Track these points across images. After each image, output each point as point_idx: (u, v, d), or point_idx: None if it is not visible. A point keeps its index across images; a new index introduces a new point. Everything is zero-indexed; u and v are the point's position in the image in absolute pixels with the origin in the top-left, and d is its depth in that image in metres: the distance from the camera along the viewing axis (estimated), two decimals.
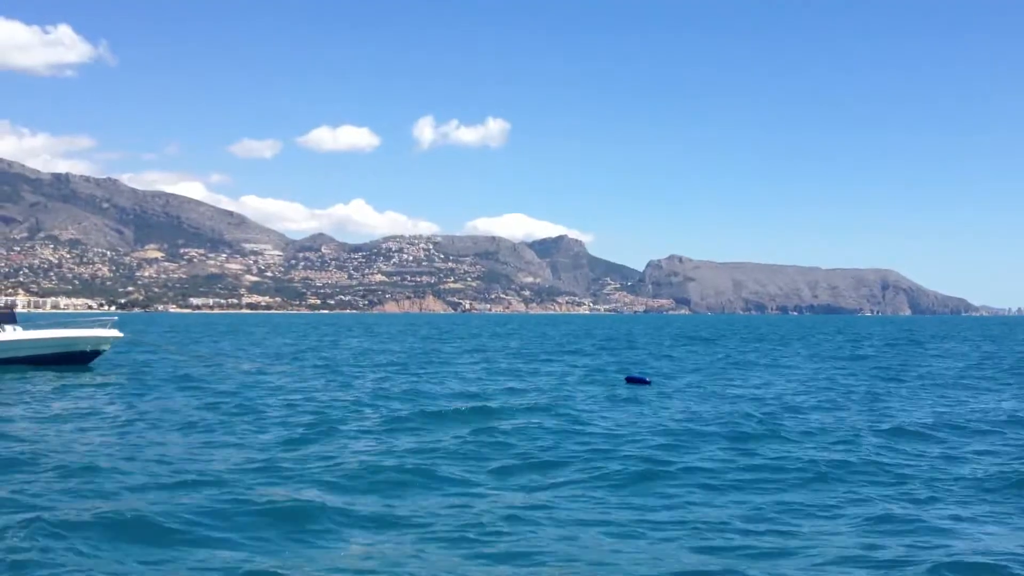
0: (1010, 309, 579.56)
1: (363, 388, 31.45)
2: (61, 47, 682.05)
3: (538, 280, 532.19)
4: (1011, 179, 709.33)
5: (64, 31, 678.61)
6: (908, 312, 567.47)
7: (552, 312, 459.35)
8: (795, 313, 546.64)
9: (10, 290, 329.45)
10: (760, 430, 21.23)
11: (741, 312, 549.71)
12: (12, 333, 33.56)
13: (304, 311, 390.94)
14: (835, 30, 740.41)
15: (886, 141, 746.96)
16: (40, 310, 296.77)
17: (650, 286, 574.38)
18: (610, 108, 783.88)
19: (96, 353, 35.14)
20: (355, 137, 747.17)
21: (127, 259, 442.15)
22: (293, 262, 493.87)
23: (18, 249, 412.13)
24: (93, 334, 35.18)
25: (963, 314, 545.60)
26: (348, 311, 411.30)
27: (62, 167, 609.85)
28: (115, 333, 35.91)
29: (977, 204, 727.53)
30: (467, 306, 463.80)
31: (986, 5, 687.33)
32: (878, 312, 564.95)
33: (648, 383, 33.94)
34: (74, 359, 34.22)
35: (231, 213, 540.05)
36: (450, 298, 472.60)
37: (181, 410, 24.49)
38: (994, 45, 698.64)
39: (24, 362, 33.04)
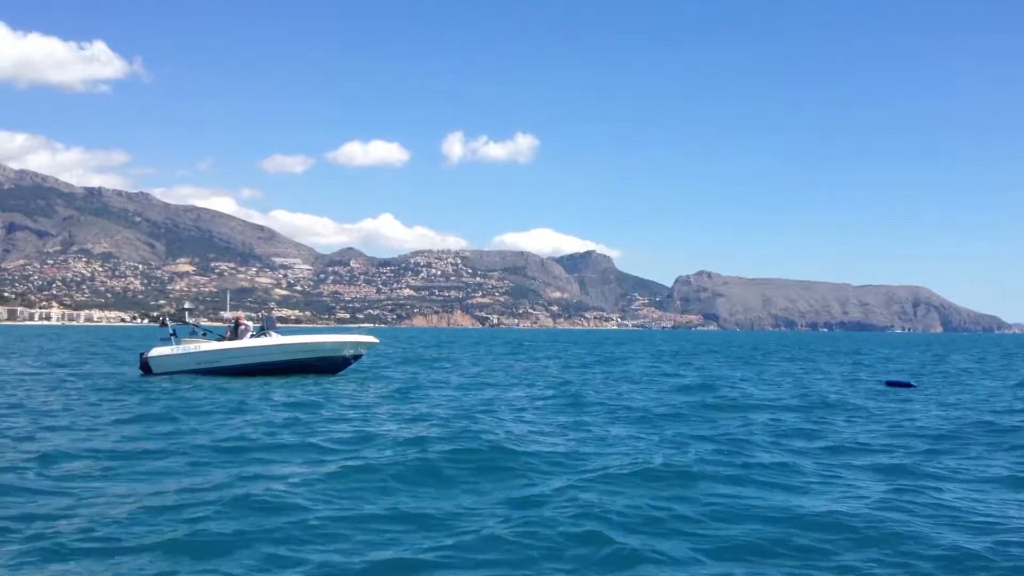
0: None
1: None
2: (96, 63, 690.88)
3: (566, 295, 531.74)
4: None
5: (99, 47, 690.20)
6: (940, 329, 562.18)
7: (580, 328, 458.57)
8: (825, 330, 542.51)
9: (44, 302, 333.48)
10: None
11: (771, 328, 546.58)
12: (282, 338, 34.78)
13: (333, 325, 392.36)
14: (865, 51, 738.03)
15: (918, 158, 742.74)
16: (75, 323, 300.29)
17: (678, 302, 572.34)
18: (638, 124, 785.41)
19: (355, 358, 36.29)
20: (385, 152, 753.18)
21: (159, 272, 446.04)
22: (322, 276, 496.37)
23: (51, 262, 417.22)
24: (357, 339, 36.27)
25: (996, 332, 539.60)
26: (377, 325, 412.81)
27: (95, 181, 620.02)
28: (373, 339, 37.04)
29: (1010, 221, 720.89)
30: (495, 321, 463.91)
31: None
32: (909, 329, 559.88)
33: (912, 386, 33.34)
34: (335, 365, 35.41)
35: (261, 227, 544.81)
36: (478, 313, 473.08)
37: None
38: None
39: (285, 368, 34.05)
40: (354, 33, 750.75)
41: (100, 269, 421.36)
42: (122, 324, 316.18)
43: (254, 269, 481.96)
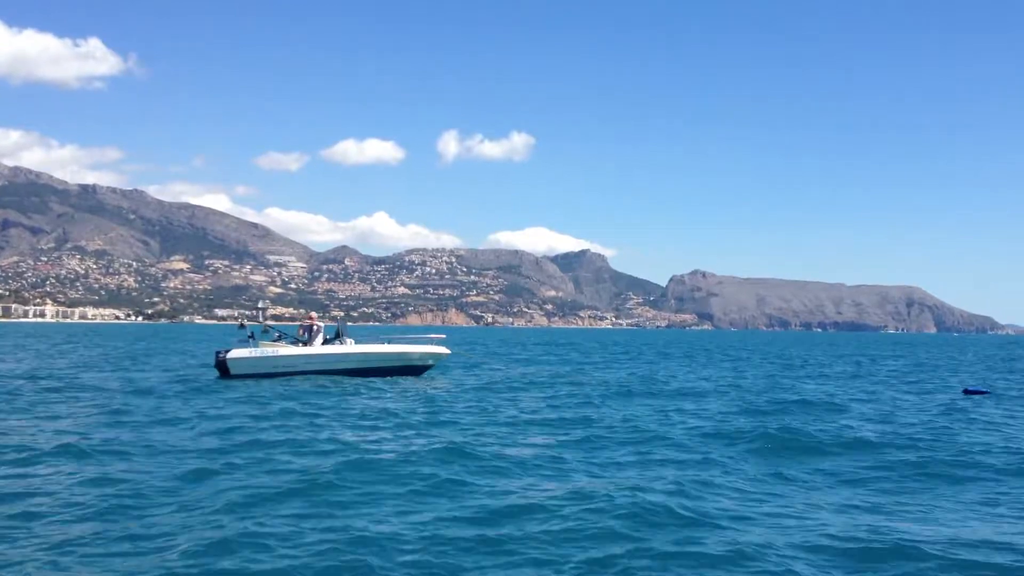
0: None
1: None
2: (91, 60, 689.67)
3: (560, 294, 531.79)
4: None
5: (95, 44, 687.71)
6: (933, 330, 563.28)
7: (574, 326, 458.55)
8: (819, 330, 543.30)
9: (38, 300, 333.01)
10: None
11: (764, 328, 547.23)
12: (358, 346, 35.42)
13: (328, 323, 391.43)
14: (859, 49, 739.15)
15: (913, 157, 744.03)
16: (69, 320, 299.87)
17: (672, 301, 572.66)
18: (634, 124, 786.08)
19: (426, 367, 37.04)
20: (380, 150, 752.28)
21: (152, 270, 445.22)
22: (316, 274, 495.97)
23: (45, 259, 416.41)
24: (433, 350, 37.00)
25: (989, 332, 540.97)
26: (371, 323, 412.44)
27: (90, 178, 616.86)
28: (446, 350, 37.79)
29: (1004, 222, 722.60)
30: (489, 320, 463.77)
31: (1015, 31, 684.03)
32: (903, 329, 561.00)
33: (987, 393, 33.28)
34: (410, 372, 36.14)
35: (256, 225, 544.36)
36: (472, 311, 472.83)
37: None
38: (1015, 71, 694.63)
39: (360, 374, 34.66)
40: (350, 31, 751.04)
41: (94, 266, 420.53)
42: (117, 321, 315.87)
43: (248, 267, 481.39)
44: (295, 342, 35.00)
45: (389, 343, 37.04)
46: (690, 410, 25.18)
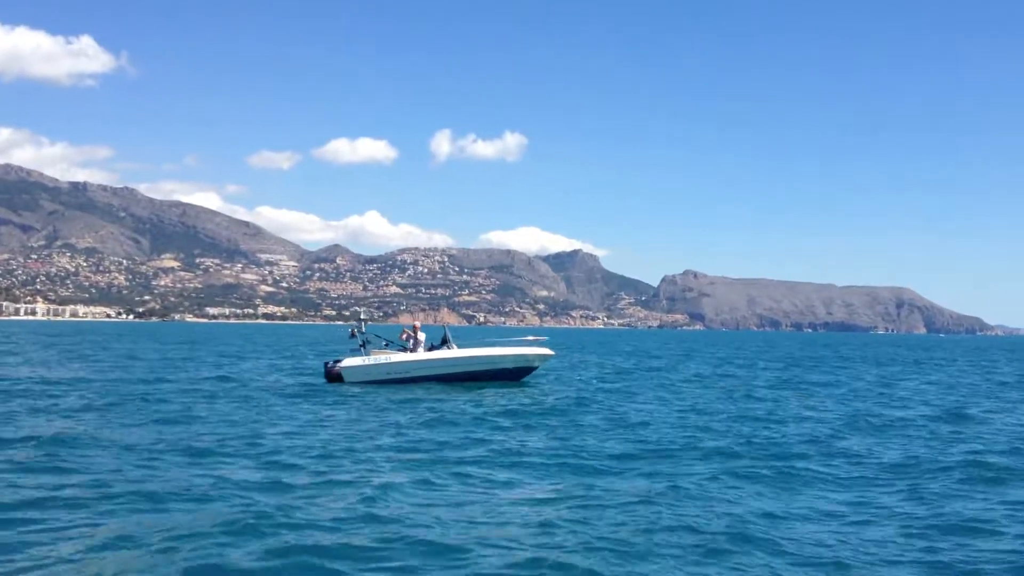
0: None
1: None
2: (83, 58, 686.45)
3: (552, 294, 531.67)
4: None
5: (87, 42, 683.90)
6: (923, 330, 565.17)
7: (566, 326, 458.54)
8: (809, 330, 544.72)
9: (28, 297, 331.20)
10: None
11: (755, 328, 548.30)
12: (464, 351, 35.99)
13: (320, 322, 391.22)
14: (848, 50, 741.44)
15: (903, 160, 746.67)
16: (60, 318, 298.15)
17: (664, 301, 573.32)
18: (626, 124, 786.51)
19: (531, 370, 37.37)
20: (373, 149, 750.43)
21: (143, 268, 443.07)
22: (308, 273, 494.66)
23: (35, 257, 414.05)
24: (538, 352, 37.23)
25: (978, 333, 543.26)
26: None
27: (80, 176, 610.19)
28: (550, 352, 38.09)
29: (993, 223, 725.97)
30: (482, 319, 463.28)
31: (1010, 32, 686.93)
32: (892, 330, 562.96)
33: None
34: (517, 375, 36.55)
35: (247, 223, 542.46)
36: (465, 311, 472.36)
37: None
38: (1015, 74, 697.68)
39: (468, 378, 35.09)
40: (343, 30, 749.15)
41: (84, 264, 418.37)
42: (108, 320, 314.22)
43: (239, 265, 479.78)
44: (402, 349, 35.53)
45: (488, 347, 37.33)
46: None
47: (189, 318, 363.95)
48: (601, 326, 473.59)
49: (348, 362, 34.32)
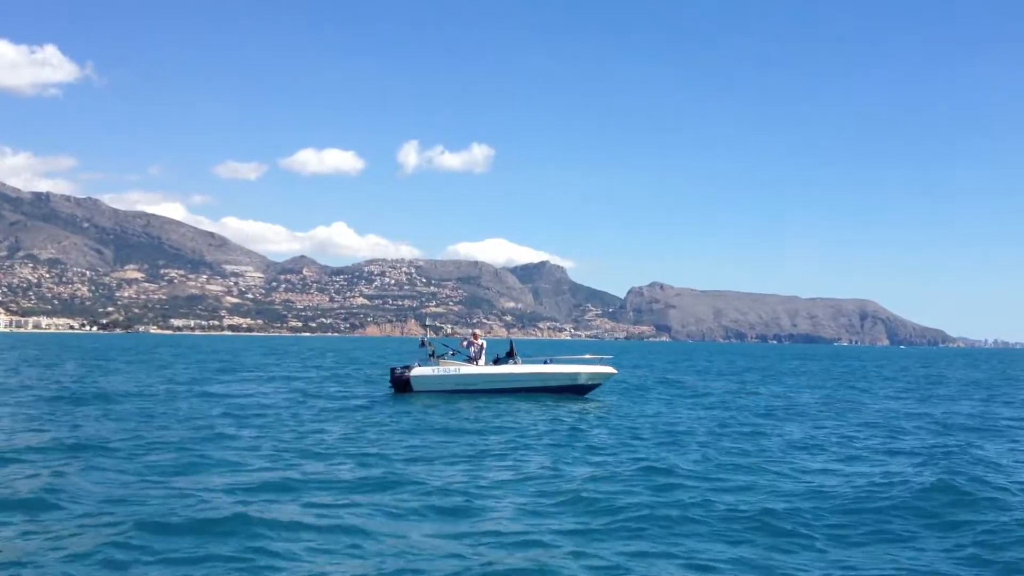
0: (986, 341, 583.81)
1: None
2: (48, 67, 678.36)
3: (520, 305, 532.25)
4: (988, 213, 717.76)
5: (51, 51, 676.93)
6: (886, 343, 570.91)
7: (534, 338, 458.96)
8: (775, 342, 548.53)
9: None
10: None
11: (721, 340, 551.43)
12: (532, 366, 36.67)
13: (286, 334, 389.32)
14: (817, 61, 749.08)
15: (866, 173, 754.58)
16: (23, 330, 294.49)
17: (631, 313, 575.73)
18: (593, 136, 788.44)
19: (592, 387, 37.62)
20: (340, 160, 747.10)
21: (107, 279, 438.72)
22: (274, 284, 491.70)
23: None
24: (603, 370, 37.61)
25: (940, 345, 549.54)
26: (330, 334, 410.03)
27: (43, 186, 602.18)
28: (614, 370, 38.64)
29: (955, 237, 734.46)
30: (449, 331, 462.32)
31: (973, 41, 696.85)
32: (856, 342, 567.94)
33: None
34: (581, 391, 36.85)
35: (212, 234, 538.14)
36: (432, 322, 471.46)
37: None
38: (974, 83, 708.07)
39: (533, 391, 35.72)
40: (311, 39, 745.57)
41: (47, 275, 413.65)
42: (72, 331, 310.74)
43: (204, 276, 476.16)
44: (467, 359, 36.12)
45: (549, 363, 37.77)
46: None
47: (153, 329, 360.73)
48: (568, 338, 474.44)
49: (418, 371, 34.97)
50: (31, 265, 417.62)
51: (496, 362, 36.20)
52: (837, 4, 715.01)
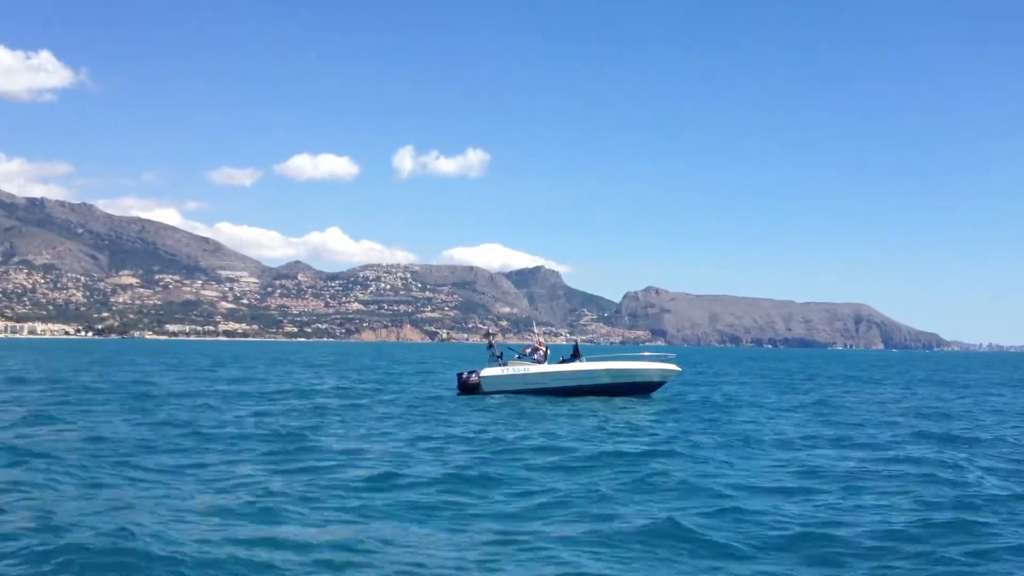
0: (981, 344, 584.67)
1: None
2: (43, 73, 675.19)
3: (515, 310, 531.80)
4: (983, 217, 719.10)
5: (46, 57, 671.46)
6: (880, 346, 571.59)
7: (529, 343, 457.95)
8: (769, 346, 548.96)
9: None
10: None
11: (717, 344, 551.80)
12: (597, 364, 37.43)
13: (281, 339, 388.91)
14: (814, 65, 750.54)
15: (862, 178, 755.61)
16: (18, 336, 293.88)
17: (626, 317, 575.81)
18: (589, 141, 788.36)
19: (658, 385, 38.30)
20: (335, 166, 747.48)
21: (101, 285, 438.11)
22: (269, 289, 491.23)
23: None
24: (667, 367, 38.21)
25: (935, 349, 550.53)
26: (326, 339, 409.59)
27: (37, 192, 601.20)
28: (677, 368, 39.14)
29: (950, 241, 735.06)
30: (445, 336, 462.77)
31: (965, 42, 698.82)
32: (851, 346, 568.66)
33: None
34: (646, 389, 37.64)
35: (207, 240, 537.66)
36: (427, 327, 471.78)
37: None
38: (968, 86, 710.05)
39: (599, 390, 36.37)
40: (306, 45, 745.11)
41: (41, 281, 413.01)
42: (67, 337, 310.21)
43: (199, 282, 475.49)
44: (535, 362, 37.09)
45: (614, 362, 38.45)
46: None
47: (149, 335, 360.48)
48: (564, 342, 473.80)
49: (487, 372, 36.25)
50: (26, 271, 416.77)
51: (563, 363, 37.04)
52: (831, 7, 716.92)
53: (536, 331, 45.29)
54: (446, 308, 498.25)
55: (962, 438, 23.82)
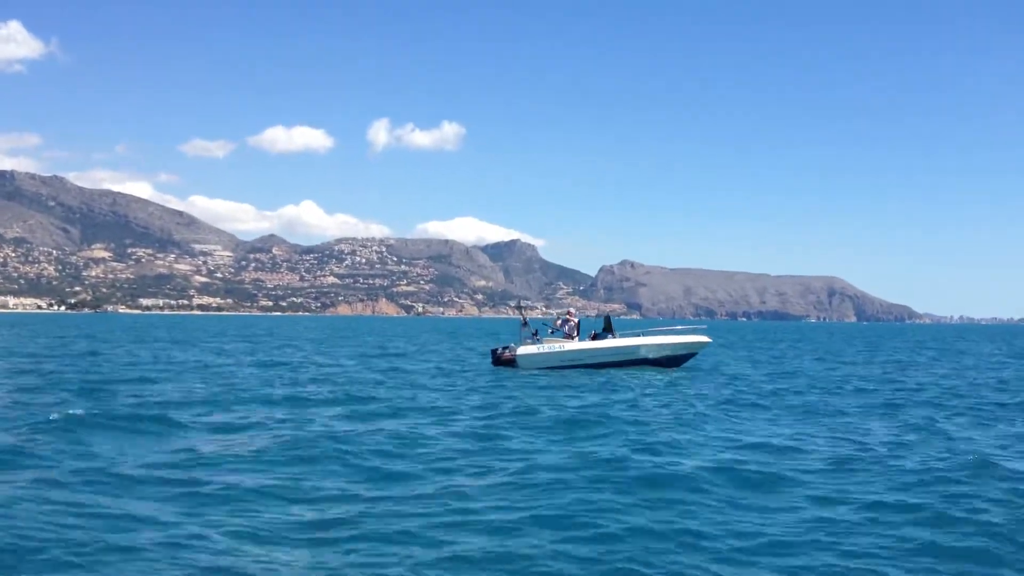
0: (952, 317, 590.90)
1: None
2: (12, 43, 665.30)
3: (491, 284, 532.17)
4: (953, 190, 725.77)
5: (15, 27, 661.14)
6: (853, 319, 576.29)
7: (505, 316, 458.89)
8: (744, 319, 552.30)
9: None
10: None
11: (691, 317, 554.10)
12: (631, 339, 37.50)
13: (256, 313, 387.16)
14: (783, 38, 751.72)
15: (834, 149, 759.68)
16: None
17: (602, 291, 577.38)
18: (563, 114, 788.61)
19: (690, 356, 38.73)
20: (310, 138, 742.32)
21: (73, 258, 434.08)
22: (244, 263, 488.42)
23: None
24: (698, 339, 38.63)
25: (907, 321, 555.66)
26: (301, 313, 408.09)
27: (7, 165, 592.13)
28: (708, 339, 39.29)
29: (920, 214, 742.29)
30: (420, 309, 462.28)
31: (942, 21, 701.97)
32: (824, 318, 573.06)
33: None
34: (677, 362, 37.91)
35: (180, 213, 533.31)
36: (403, 301, 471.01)
37: None
38: (936, 63, 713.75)
39: (632, 363, 36.66)
40: (280, 16, 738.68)
41: (12, 255, 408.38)
42: (39, 311, 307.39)
43: (173, 255, 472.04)
44: (565, 337, 37.16)
45: (645, 335, 38.63)
46: None
47: (122, 309, 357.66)
48: (540, 316, 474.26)
49: (523, 349, 36.31)
50: None
51: (595, 337, 37.27)
52: None
53: (567, 302, 44.97)
54: (422, 282, 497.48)
55: None
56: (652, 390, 27.26)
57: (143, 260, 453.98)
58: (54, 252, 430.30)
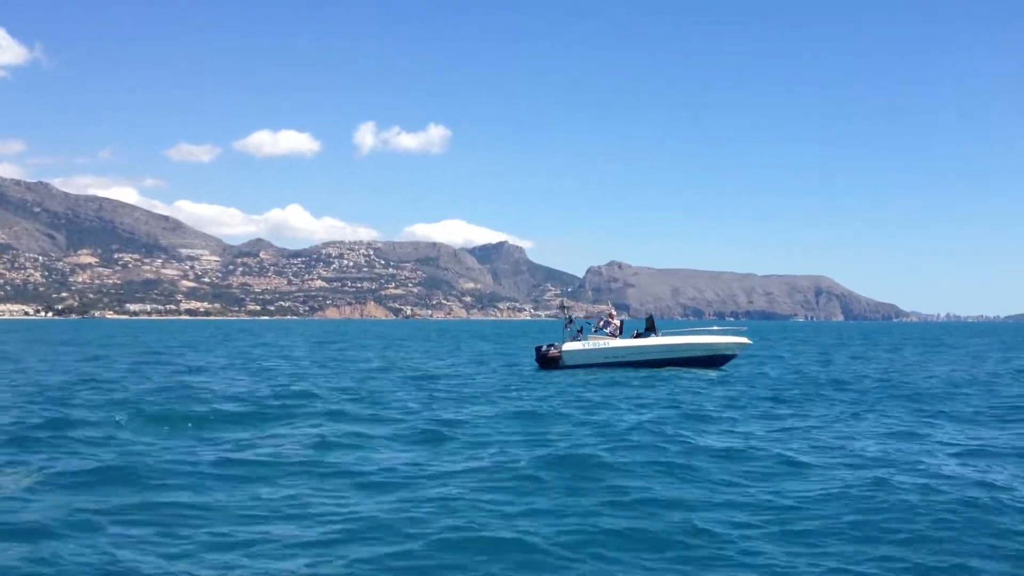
0: (938, 315, 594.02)
1: None
2: None
3: (479, 286, 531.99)
4: (940, 189, 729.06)
5: None
6: (841, 318, 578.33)
7: (494, 318, 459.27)
8: (732, 319, 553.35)
9: None
10: None
11: (680, 318, 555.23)
12: (673, 338, 38.77)
13: (244, 317, 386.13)
14: (771, 39, 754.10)
15: (820, 149, 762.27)
16: None
17: (590, 292, 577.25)
18: (550, 116, 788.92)
19: (730, 357, 39.42)
20: (296, 142, 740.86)
21: (60, 264, 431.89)
22: (231, 268, 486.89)
23: None
24: (738, 340, 39.52)
25: (894, 320, 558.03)
26: (289, 317, 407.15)
27: None
28: (748, 340, 40.41)
29: (906, 213, 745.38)
30: (408, 312, 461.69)
31: (928, 17, 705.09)
32: (812, 317, 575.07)
33: None
34: (717, 362, 38.59)
35: (167, 218, 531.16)
36: (391, 304, 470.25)
37: None
38: (923, 58, 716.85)
39: (673, 363, 37.52)
40: (265, 20, 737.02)
41: None
42: (27, 318, 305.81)
43: (160, 260, 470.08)
44: (609, 335, 38.34)
45: (687, 335, 39.85)
46: None
47: (110, 315, 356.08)
48: (528, 318, 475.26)
49: (569, 346, 37.36)
50: None
51: (638, 336, 38.47)
52: None
53: (607, 305, 46.14)
54: (410, 285, 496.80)
55: None
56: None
57: (130, 265, 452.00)
58: (40, 258, 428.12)
